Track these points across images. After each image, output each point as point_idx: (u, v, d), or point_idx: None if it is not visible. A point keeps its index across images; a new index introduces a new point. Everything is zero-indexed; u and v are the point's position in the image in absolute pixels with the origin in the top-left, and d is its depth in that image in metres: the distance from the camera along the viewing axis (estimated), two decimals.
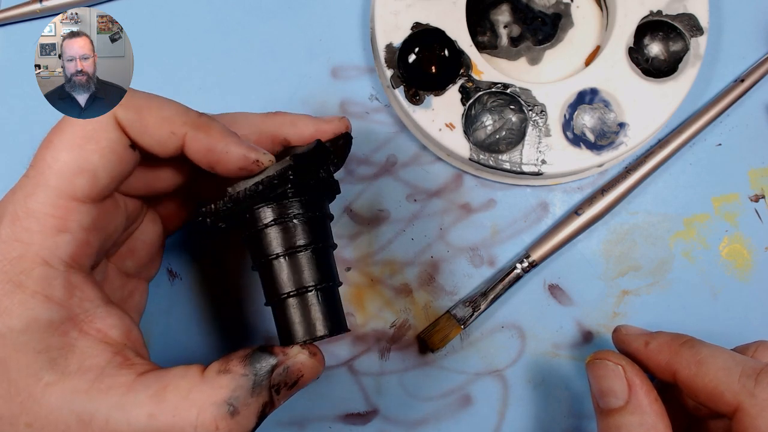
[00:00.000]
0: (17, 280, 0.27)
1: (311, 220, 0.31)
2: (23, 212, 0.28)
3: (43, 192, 0.28)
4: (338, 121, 0.34)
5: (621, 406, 0.30)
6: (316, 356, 0.30)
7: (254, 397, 0.28)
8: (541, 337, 0.40)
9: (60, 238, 0.28)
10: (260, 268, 0.31)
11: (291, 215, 0.30)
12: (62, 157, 0.28)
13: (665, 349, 0.31)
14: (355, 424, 0.39)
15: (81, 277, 0.29)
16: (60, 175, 0.28)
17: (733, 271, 0.41)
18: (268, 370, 0.28)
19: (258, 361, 0.28)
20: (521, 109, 0.39)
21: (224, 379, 0.28)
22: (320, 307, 0.30)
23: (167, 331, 0.40)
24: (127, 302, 0.35)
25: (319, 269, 0.30)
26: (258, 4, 0.43)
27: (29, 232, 0.27)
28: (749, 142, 0.42)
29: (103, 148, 0.28)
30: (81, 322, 0.28)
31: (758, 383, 0.27)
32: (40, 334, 0.27)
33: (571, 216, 0.40)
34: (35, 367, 0.27)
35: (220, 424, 0.27)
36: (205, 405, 0.27)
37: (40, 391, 0.26)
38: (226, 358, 0.29)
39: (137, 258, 0.35)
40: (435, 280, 0.40)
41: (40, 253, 0.27)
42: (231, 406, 0.27)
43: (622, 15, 0.40)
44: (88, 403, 0.27)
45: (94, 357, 0.28)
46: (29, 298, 0.27)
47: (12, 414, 0.26)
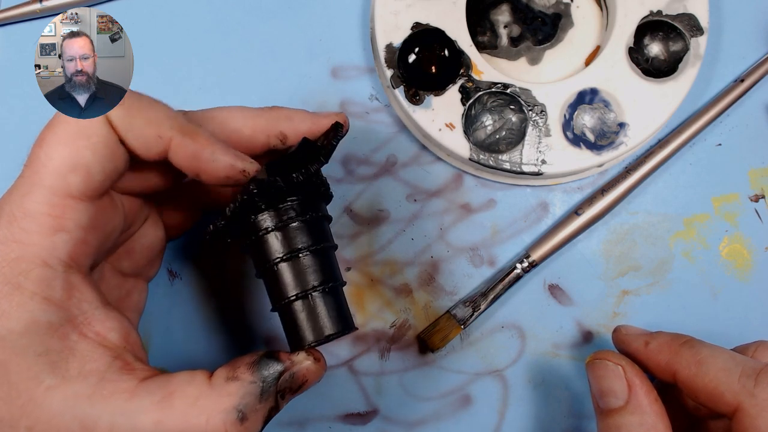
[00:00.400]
0: (16, 281, 0.27)
1: (308, 222, 0.31)
2: (20, 212, 0.27)
3: (38, 191, 0.27)
4: (335, 116, 0.34)
5: (621, 406, 0.30)
6: (320, 362, 0.30)
7: (262, 403, 0.28)
8: (541, 337, 0.40)
9: (57, 238, 0.28)
10: (264, 275, 0.31)
11: (287, 220, 0.30)
12: (55, 154, 0.28)
13: (665, 349, 0.31)
14: (355, 424, 0.39)
15: (79, 278, 0.29)
16: (54, 173, 0.27)
17: (733, 271, 0.41)
18: (275, 376, 0.28)
19: (266, 368, 0.28)
20: (521, 109, 0.39)
21: (233, 386, 0.28)
22: (327, 307, 0.30)
23: (167, 331, 0.40)
24: (124, 302, 0.35)
25: (322, 270, 0.30)
26: (258, 4, 0.43)
27: (27, 233, 0.27)
28: (749, 142, 0.42)
29: (95, 144, 0.28)
30: (80, 324, 0.28)
31: (758, 383, 0.27)
32: (40, 336, 0.27)
33: (571, 216, 0.40)
34: (36, 370, 0.26)
35: (229, 430, 0.27)
36: (215, 412, 0.27)
37: (41, 394, 0.26)
38: (232, 364, 0.29)
39: (135, 259, 0.35)
40: (435, 280, 0.40)
41: (38, 254, 0.27)
42: (240, 412, 0.27)
43: (622, 15, 0.40)
44: (90, 409, 0.26)
45: (94, 361, 0.27)
46: (28, 300, 0.27)
47: (12, 417, 0.26)
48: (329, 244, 0.32)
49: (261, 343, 0.40)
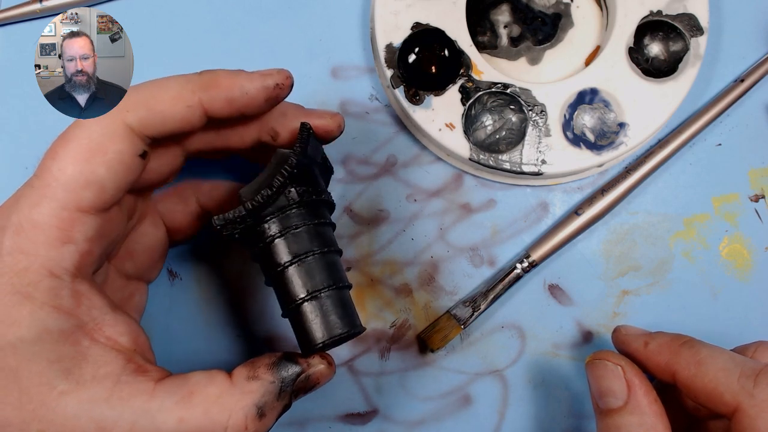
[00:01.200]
0: (25, 291, 0.27)
1: (316, 227, 0.31)
2: (28, 224, 0.27)
3: (48, 204, 0.27)
4: (330, 117, 0.34)
5: (620, 407, 0.30)
6: (332, 365, 0.31)
7: (279, 401, 0.29)
8: (541, 337, 0.40)
9: (65, 249, 0.28)
10: (273, 280, 0.31)
11: (295, 226, 0.31)
12: (69, 170, 0.27)
13: (665, 350, 0.31)
14: (355, 424, 0.39)
15: (86, 285, 0.29)
16: (66, 188, 0.27)
17: (733, 271, 0.41)
18: (293, 378, 0.30)
19: (284, 370, 0.30)
20: (521, 109, 0.39)
21: (254, 385, 0.29)
22: (336, 307, 0.31)
23: (167, 331, 0.40)
24: (127, 304, 0.35)
25: (330, 272, 0.31)
26: (258, 4, 0.43)
27: (34, 244, 0.27)
28: (749, 142, 0.42)
29: (110, 160, 0.28)
30: (90, 330, 0.28)
31: (757, 384, 0.27)
32: (52, 344, 0.27)
33: (571, 216, 0.40)
34: (49, 376, 0.27)
35: (249, 426, 0.28)
36: (237, 408, 0.28)
37: (54, 399, 0.26)
38: (251, 364, 0.30)
39: (137, 261, 0.35)
40: (435, 280, 0.40)
41: (45, 265, 0.27)
42: (260, 409, 0.29)
43: (622, 15, 0.40)
44: (109, 411, 0.27)
45: (107, 365, 0.28)
46: (38, 309, 0.27)
47: (23, 421, 0.26)
48: (335, 248, 0.32)
49: (261, 343, 0.40)
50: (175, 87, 0.29)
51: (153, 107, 0.29)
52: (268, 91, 0.30)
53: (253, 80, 0.30)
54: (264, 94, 0.30)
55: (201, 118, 0.30)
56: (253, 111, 0.31)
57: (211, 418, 0.28)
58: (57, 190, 0.27)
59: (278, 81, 0.30)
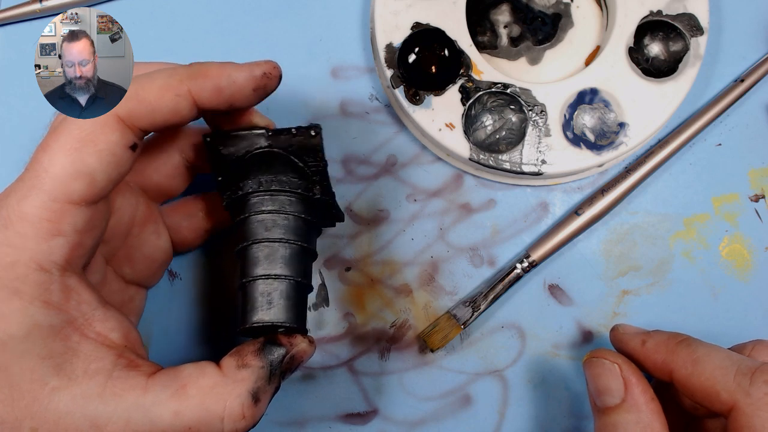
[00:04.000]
0: (13, 286, 0.27)
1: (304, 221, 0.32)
2: (16, 216, 0.27)
3: (37, 195, 0.27)
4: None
5: (617, 405, 0.30)
6: (312, 343, 0.32)
7: (270, 384, 0.30)
8: (541, 337, 0.40)
9: (54, 242, 0.27)
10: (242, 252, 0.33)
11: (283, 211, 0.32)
12: (59, 160, 0.27)
13: (662, 348, 0.31)
14: (355, 424, 0.39)
15: (75, 280, 0.28)
16: (56, 179, 0.27)
17: (733, 271, 0.41)
18: (279, 360, 0.31)
19: (270, 353, 0.30)
20: (521, 109, 0.39)
21: (245, 373, 0.29)
22: (286, 298, 0.32)
23: (167, 331, 0.40)
24: (127, 306, 0.35)
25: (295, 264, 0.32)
26: (258, 4, 0.43)
27: (23, 237, 0.27)
28: (749, 142, 0.42)
29: (101, 151, 0.28)
30: (80, 325, 0.28)
31: (753, 382, 0.27)
32: (42, 339, 0.27)
33: (571, 216, 0.40)
34: (40, 372, 0.26)
35: (246, 412, 0.29)
36: (232, 397, 0.29)
37: (46, 395, 0.26)
38: (238, 353, 0.30)
39: (136, 267, 0.35)
40: (435, 280, 0.40)
41: (34, 258, 0.27)
42: (254, 395, 0.29)
43: (622, 15, 0.40)
44: (102, 407, 0.27)
45: (98, 360, 0.28)
46: (28, 305, 0.27)
47: (15, 418, 0.26)
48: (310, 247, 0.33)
49: None
50: (163, 77, 0.29)
51: (142, 98, 0.29)
52: (256, 81, 0.30)
53: (241, 70, 0.30)
54: (252, 84, 0.30)
55: (191, 109, 0.30)
56: (242, 102, 0.30)
57: (207, 409, 0.28)
58: (46, 181, 0.27)
59: (265, 70, 0.30)
